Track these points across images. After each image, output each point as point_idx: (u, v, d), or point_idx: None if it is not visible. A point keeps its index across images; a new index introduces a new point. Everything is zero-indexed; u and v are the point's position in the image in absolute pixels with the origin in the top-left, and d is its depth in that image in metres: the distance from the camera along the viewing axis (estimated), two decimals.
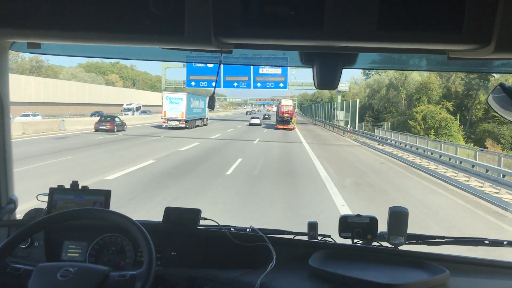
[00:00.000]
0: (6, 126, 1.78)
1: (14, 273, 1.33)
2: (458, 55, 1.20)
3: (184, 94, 35.89)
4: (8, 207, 1.83)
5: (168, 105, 34.87)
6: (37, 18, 1.09)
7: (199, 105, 40.13)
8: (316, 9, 1.03)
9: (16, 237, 1.35)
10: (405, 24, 1.03)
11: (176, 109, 34.79)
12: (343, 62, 1.40)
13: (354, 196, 10.46)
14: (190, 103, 36.17)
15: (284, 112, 41.05)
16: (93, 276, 1.27)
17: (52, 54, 1.68)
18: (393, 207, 1.69)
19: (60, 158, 14.97)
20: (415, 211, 8.87)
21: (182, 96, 35.46)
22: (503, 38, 1.01)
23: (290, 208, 8.62)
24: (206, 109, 43.89)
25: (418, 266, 1.54)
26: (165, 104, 34.93)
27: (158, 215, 1.79)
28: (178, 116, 34.75)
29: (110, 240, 1.73)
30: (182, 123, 34.86)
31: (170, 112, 34.79)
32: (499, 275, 1.57)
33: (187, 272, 1.59)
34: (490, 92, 1.18)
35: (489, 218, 9.30)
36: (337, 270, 1.45)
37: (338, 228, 1.74)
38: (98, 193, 1.80)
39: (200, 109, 40.59)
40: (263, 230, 1.73)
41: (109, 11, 1.08)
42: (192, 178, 11.70)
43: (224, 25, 1.07)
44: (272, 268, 1.50)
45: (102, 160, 14.92)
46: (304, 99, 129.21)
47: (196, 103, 38.68)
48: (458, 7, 1.00)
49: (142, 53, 1.70)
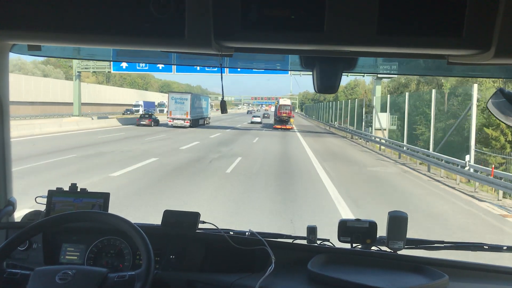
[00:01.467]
0: (6, 127, 1.78)
1: (11, 278, 1.32)
2: (457, 60, 1.21)
3: (188, 95, 37.91)
4: (6, 209, 1.83)
5: (174, 105, 36.54)
6: (38, 20, 1.09)
7: (202, 104, 41.75)
8: (316, 13, 1.03)
9: (14, 240, 1.34)
10: (405, 28, 1.03)
11: (181, 109, 36.52)
12: (343, 66, 1.41)
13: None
14: (194, 103, 37.81)
15: (283, 112, 40.93)
16: (92, 278, 1.26)
17: (52, 56, 1.68)
18: (393, 212, 1.68)
19: (161, 135, 27.81)
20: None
21: (187, 96, 37.45)
22: (503, 43, 1.01)
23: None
24: (209, 108, 46.61)
25: (417, 271, 1.54)
26: (171, 103, 36.80)
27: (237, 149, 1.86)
28: (183, 115, 36.56)
29: (109, 243, 1.72)
30: (186, 122, 36.57)
31: (175, 111, 36.55)
32: (499, 280, 1.57)
33: (185, 276, 1.59)
34: (490, 98, 1.18)
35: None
36: (336, 274, 1.45)
37: (337, 232, 1.73)
38: (97, 195, 1.80)
39: (203, 108, 42.22)
40: (262, 234, 1.73)
41: (110, 13, 1.08)
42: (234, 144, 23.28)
43: (224, 29, 1.07)
44: (271, 272, 1.50)
45: (183, 137, 26.27)
46: (305, 98, 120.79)
47: (200, 103, 40.34)
48: (458, 12, 1.01)
49: (142, 55, 1.70)
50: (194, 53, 1.28)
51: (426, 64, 1.64)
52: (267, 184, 11.66)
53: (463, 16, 1.00)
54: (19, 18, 1.09)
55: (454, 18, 1.01)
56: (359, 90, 72.40)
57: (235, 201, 9.41)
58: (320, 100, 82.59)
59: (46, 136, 24.84)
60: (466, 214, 9.68)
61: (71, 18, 1.09)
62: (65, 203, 1.79)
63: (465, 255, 1.80)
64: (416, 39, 1.04)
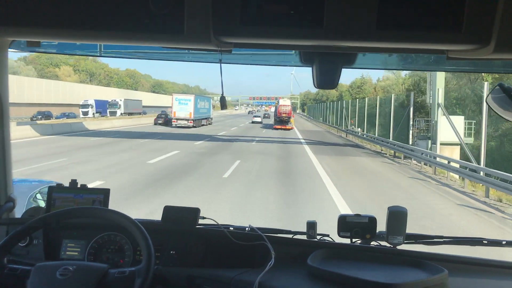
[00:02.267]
0: (6, 124, 1.78)
1: (11, 273, 1.32)
2: (457, 55, 1.21)
3: (192, 96, 40.21)
4: (7, 206, 1.83)
5: (178, 106, 38.55)
6: (37, 16, 1.09)
7: (204, 105, 43.55)
8: (315, 8, 1.03)
9: (15, 235, 1.35)
10: (404, 23, 1.03)
11: (184, 110, 38.43)
12: (343, 62, 1.40)
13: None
14: (197, 103, 39.76)
15: (282, 112, 41.03)
16: (93, 274, 1.27)
17: (51, 52, 1.68)
18: (392, 207, 1.69)
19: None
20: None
21: (190, 97, 39.60)
22: (503, 38, 1.01)
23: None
24: (211, 109, 48.31)
25: (416, 265, 1.54)
26: (175, 104, 38.71)
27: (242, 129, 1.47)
28: (187, 116, 38.47)
29: (109, 238, 1.73)
30: (190, 122, 38.48)
31: (179, 112, 38.49)
32: (498, 275, 1.58)
33: (186, 271, 1.59)
34: (489, 93, 1.18)
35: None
36: (335, 269, 1.45)
37: (337, 227, 1.74)
38: (97, 191, 1.80)
39: (205, 109, 44.03)
40: (262, 229, 1.73)
41: (109, 9, 1.08)
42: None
43: (223, 24, 1.07)
44: (271, 267, 1.50)
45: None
46: (307, 98, 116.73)
47: (202, 104, 42.21)
48: (458, 7, 1.00)
49: (141, 52, 1.70)
50: (193, 49, 1.28)
51: (425, 59, 1.64)
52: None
53: (463, 11, 1.00)
54: (18, 14, 1.09)
55: (454, 13, 1.01)
56: (367, 88, 62.53)
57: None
58: (322, 100, 74.17)
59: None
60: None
61: (70, 14, 1.08)
62: (65, 199, 1.79)
63: (465, 250, 1.80)
64: (416, 34, 1.04)
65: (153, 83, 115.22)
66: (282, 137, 31.32)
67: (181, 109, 38.38)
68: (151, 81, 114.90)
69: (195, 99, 39.32)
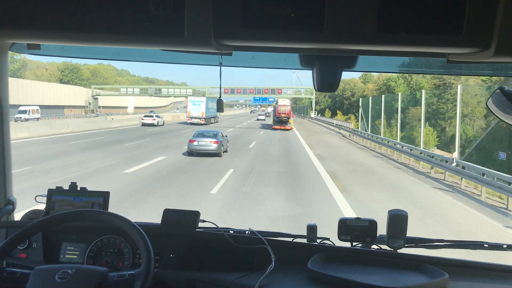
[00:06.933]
0: (5, 127, 1.77)
1: (11, 277, 1.32)
2: (457, 58, 1.20)
3: (204, 98, 48.52)
4: (6, 208, 1.83)
5: (192, 107, 47.00)
6: (37, 19, 1.09)
7: (213, 106, 50.28)
8: (316, 11, 1.03)
9: (14, 239, 1.34)
10: (405, 27, 1.02)
11: (198, 110, 46.61)
12: (343, 65, 1.40)
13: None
14: (208, 104, 47.28)
15: (281, 113, 40.67)
16: (92, 277, 1.26)
17: (52, 55, 1.68)
18: (393, 210, 1.68)
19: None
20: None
21: (202, 99, 48.03)
22: (503, 42, 1.01)
23: None
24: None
25: (417, 269, 1.54)
26: (189, 105, 47.35)
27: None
28: (199, 115, 46.76)
29: (109, 242, 1.72)
30: (202, 120, 46.54)
31: (193, 112, 46.77)
32: (499, 278, 1.57)
33: (185, 275, 1.58)
34: (490, 96, 1.18)
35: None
36: (336, 273, 1.45)
37: (337, 231, 1.73)
38: (97, 194, 1.80)
39: (214, 109, 51.02)
40: (262, 233, 1.73)
41: (109, 12, 1.08)
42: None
43: (224, 27, 1.07)
44: (271, 271, 1.49)
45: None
46: (320, 95, 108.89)
47: (212, 105, 49.21)
48: (458, 11, 1.00)
49: (142, 54, 1.70)
50: (194, 51, 1.28)
51: (426, 63, 1.64)
52: None
53: (463, 15, 1.00)
54: (18, 17, 1.09)
55: (454, 17, 1.01)
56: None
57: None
58: (345, 97, 56.06)
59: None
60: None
61: (70, 16, 1.08)
62: (65, 202, 1.78)
63: (465, 253, 1.80)
64: (416, 38, 1.04)
65: (134, 80, 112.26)
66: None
67: (194, 109, 46.38)
68: (138, 80, 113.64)
69: (206, 100, 46.94)
